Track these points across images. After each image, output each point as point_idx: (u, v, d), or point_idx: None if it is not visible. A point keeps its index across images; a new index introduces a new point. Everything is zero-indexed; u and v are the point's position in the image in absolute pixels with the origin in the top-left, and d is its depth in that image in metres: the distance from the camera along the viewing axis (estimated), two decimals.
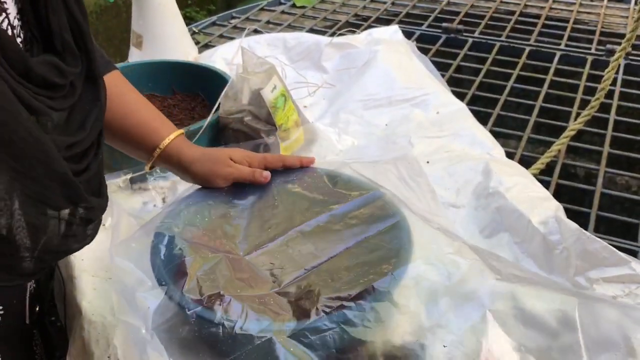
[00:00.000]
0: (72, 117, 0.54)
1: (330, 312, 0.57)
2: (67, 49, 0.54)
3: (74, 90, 0.55)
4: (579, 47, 1.59)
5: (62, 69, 0.52)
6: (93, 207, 0.57)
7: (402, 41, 1.39)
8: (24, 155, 0.47)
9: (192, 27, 1.61)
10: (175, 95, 1.15)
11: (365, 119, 1.14)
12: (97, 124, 0.58)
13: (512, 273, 0.66)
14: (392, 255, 0.64)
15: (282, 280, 0.61)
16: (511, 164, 0.97)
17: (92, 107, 0.57)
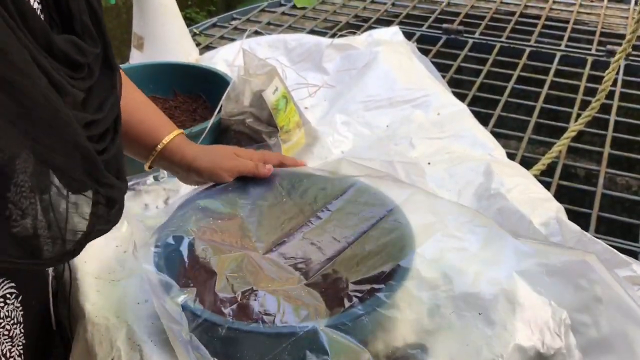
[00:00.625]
0: (90, 98, 0.55)
1: (363, 297, 0.57)
2: (86, 31, 0.54)
3: (92, 73, 0.55)
4: (579, 47, 1.59)
5: (83, 47, 0.53)
6: (114, 186, 0.57)
7: (402, 42, 1.39)
8: (43, 125, 0.47)
9: (193, 28, 1.62)
10: (176, 97, 1.15)
11: (366, 120, 1.14)
12: (114, 109, 0.58)
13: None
14: (411, 233, 0.65)
15: (309, 272, 0.62)
16: (512, 165, 0.97)
17: (109, 94, 0.58)
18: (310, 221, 0.68)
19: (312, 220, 0.68)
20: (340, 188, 0.72)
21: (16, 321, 0.64)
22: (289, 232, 0.67)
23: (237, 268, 0.62)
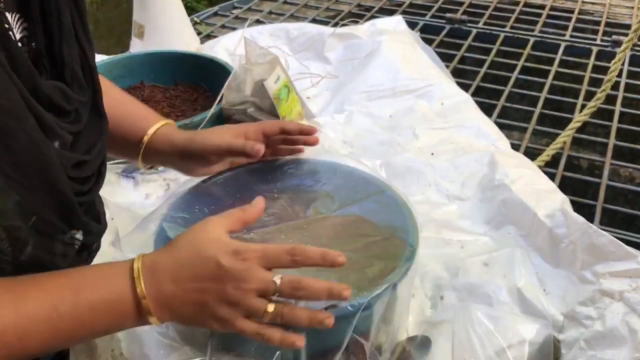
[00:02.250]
0: (79, 142, 0.55)
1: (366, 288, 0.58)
2: (76, 80, 0.55)
3: (80, 118, 0.55)
4: (584, 38, 1.58)
5: (69, 95, 0.53)
6: (91, 231, 0.58)
7: (405, 32, 1.38)
8: (26, 167, 0.47)
9: (194, 17, 1.60)
10: (177, 86, 1.14)
11: (369, 110, 1.13)
12: (101, 154, 0.59)
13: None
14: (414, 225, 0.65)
15: None
16: (517, 156, 0.96)
17: (97, 139, 0.58)
18: (290, 223, 0.66)
19: (292, 223, 0.66)
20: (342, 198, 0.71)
21: None
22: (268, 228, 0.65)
23: None
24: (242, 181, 0.75)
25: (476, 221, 0.84)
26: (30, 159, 0.47)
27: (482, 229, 0.83)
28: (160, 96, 1.11)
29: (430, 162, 0.94)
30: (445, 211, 0.84)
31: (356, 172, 0.75)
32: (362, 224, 0.67)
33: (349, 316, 0.56)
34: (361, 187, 0.72)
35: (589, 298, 0.68)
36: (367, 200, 0.69)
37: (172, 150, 0.72)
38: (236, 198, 0.72)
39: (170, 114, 1.06)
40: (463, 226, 0.81)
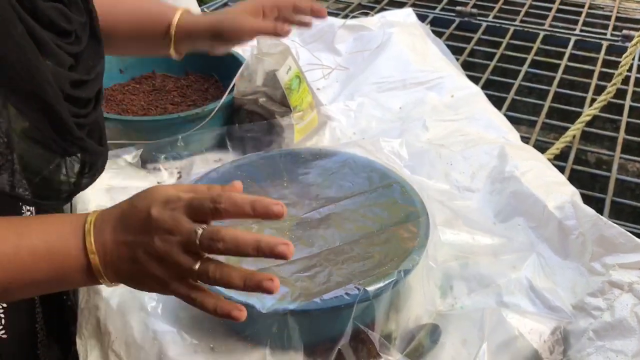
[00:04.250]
0: (79, 63, 0.55)
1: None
2: (73, 2, 0.55)
3: (80, 40, 0.56)
4: (594, 32, 1.57)
5: (69, 15, 0.54)
6: (95, 151, 0.58)
7: (416, 24, 1.38)
8: (16, 76, 0.47)
9: (204, 8, 1.60)
10: (188, 76, 1.14)
11: (379, 102, 1.13)
12: (100, 78, 0.59)
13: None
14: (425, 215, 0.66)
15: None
16: (527, 148, 0.96)
17: (97, 61, 0.59)
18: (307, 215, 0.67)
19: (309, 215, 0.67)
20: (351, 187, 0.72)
21: None
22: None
23: None
24: (252, 170, 0.75)
25: (486, 212, 0.84)
26: (22, 72, 0.47)
27: (491, 220, 0.83)
28: (171, 85, 1.11)
29: (441, 153, 0.94)
30: (456, 202, 0.84)
31: (369, 163, 0.76)
32: (374, 214, 0.68)
33: (351, 306, 0.56)
34: (375, 177, 0.72)
35: (598, 289, 0.68)
36: (380, 190, 0.70)
37: (203, 31, 0.78)
38: (246, 185, 0.72)
39: (181, 103, 1.07)
40: (473, 217, 0.81)
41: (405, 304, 0.64)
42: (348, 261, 0.60)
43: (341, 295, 0.56)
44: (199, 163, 0.97)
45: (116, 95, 1.07)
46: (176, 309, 0.62)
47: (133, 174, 0.91)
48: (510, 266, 0.74)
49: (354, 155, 0.79)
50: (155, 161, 0.95)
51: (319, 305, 0.55)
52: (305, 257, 0.61)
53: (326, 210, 0.67)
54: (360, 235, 0.64)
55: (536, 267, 0.74)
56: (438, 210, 0.76)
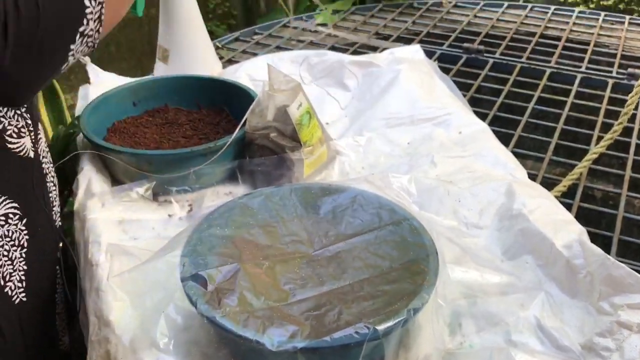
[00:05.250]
0: None
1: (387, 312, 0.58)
2: None
3: None
4: (599, 70, 1.59)
5: None
6: None
7: (423, 60, 1.40)
8: None
9: (216, 42, 1.64)
10: (200, 110, 1.17)
11: (387, 137, 1.15)
12: None
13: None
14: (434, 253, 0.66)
15: (299, 294, 0.62)
16: (534, 186, 0.97)
17: None
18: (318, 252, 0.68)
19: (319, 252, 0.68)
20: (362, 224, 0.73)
21: (17, 244, 0.68)
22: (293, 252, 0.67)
23: (231, 280, 0.63)
24: (262, 205, 0.77)
25: (494, 250, 0.85)
26: None
27: (500, 257, 0.84)
28: (184, 119, 1.13)
29: (449, 189, 0.95)
30: (464, 239, 0.85)
31: (378, 199, 0.77)
32: (384, 252, 0.68)
33: (361, 344, 0.57)
34: (384, 214, 0.73)
35: (607, 329, 0.68)
36: (389, 228, 0.71)
37: None
38: (256, 221, 0.74)
39: (193, 136, 1.09)
40: (481, 254, 0.82)
41: (414, 343, 0.64)
42: (358, 300, 0.61)
43: (351, 333, 0.57)
44: (210, 196, 0.98)
45: (129, 128, 1.09)
46: (188, 344, 0.63)
47: (145, 207, 0.92)
48: (518, 304, 0.74)
49: (363, 192, 0.80)
50: (167, 194, 0.96)
51: (329, 343, 0.56)
52: (315, 296, 0.61)
53: (336, 248, 0.68)
54: (370, 273, 0.64)
55: (544, 306, 0.74)
56: (447, 247, 0.77)
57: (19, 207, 0.70)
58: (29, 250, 0.72)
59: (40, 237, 0.74)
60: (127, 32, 2.41)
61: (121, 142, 1.05)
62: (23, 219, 0.70)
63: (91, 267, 0.78)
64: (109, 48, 2.36)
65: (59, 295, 0.81)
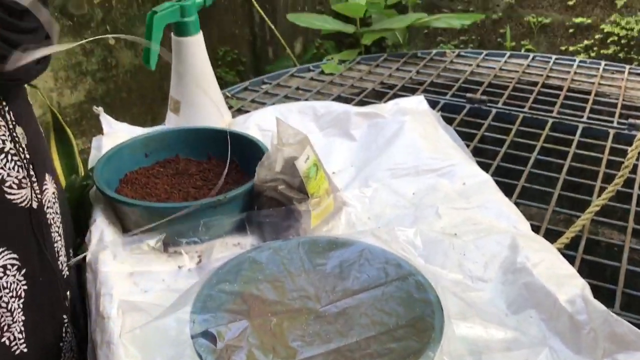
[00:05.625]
0: None
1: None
2: None
3: None
4: (601, 119, 1.62)
5: None
6: None
7: (427, 111, 1.43)
8: None
9: (226, 91, 1.68)
10: (210, 160, 1.19)
11: (393, 187, 1.17)
12: None
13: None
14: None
15: (306, 352, 0.63)
16: (537, 239, 0.99)
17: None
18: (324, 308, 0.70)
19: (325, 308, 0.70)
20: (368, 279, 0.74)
21: (15, 294, 0.69)
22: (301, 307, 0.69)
23: (239, 336, 0.64)
24: (270, 259, 0.78)
25: (499, 303, 0.86)
26: None
27: (504, 311, 0.85)
28: (194, 169, 1.16)
29: (454, 242, 0.97)
30: (469, 293, 0.86)
31: (385, 254, 0.78)
32: (390, 308, 0.70)
33: None
34: (390, 270, 0.75)
35: None
36: (395, 283, 0.72)
37: None
38: (264, 276, 0.75)
39: (202, 186, 1.11)
40: (486, 308, 0.83)
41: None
42: (365, 358, 0.62)
43: None
44: (219, 247, 1.00)
45: (141, 179, 1.12)
46: None
47: (155, 259, 0.94)
48: (523, 359, 0.75)
49: (369, 246, 0.82)
50: (177, 245, 0.98)
51: None
52: (323, 354, 0.63)
53: (343, 304, 0.70)
54: (377, 331, 0.66)
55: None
56: (452, 302, 0.78)
57: (17, 258, 0.71)
58: (26, 300, 0.73)
59: (41, 288, 0.76)
60: (138, 78, 2.47)
61: (133, 193, 1.07)
62: (22, 269, 0.72)
63: (102, 319, 0.79)
64: (121, 94, 2.42)
65: (66, 345, 0.81)
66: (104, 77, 2.35)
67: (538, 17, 2.74)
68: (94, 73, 2.31)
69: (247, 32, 3.02)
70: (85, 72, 2.29)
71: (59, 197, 0.89)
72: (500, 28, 2.86)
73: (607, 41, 2.64)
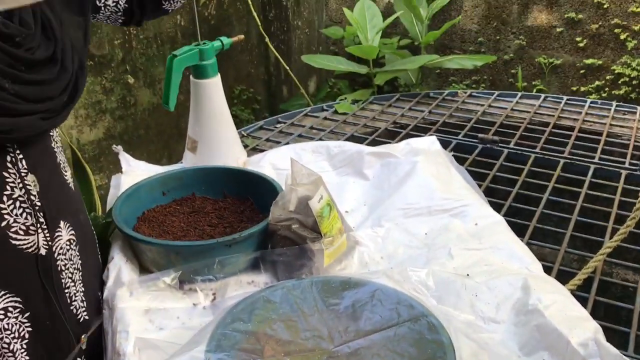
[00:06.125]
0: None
1: None
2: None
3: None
4: (612, 160, 1.63)
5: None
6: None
7: (440, 151, 1.45)
8: None
9: (241, 131, 1.72)
10: (226, 199, 1.22)
11: (405, 227, 1.18)
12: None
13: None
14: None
15: None
16: (550, 281, 0.99)
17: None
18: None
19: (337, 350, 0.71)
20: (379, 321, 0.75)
21: (17, 335, 0.69)
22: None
23: None
24: (283, 298, 0.80)
25: (511, 345, 0.86)
26: None
27: (517, 353, 0.85)
28: (210, 207, 1.18)
29: (466, 283, 0.97)
30: (481, 334, 0.86)
31: (397, 295, 0.79)
32: (402, 349, 0.70)
33: None
34: (402, 310, 0.76)
35: None
36: (407, 325, 0.73)
37: None
38: (278, 316, 0.76)
39: (218, 224, 1.13)
40: (498, 350, 0.83)
41: None
42: None
43: None
44: (233, 285, 1.01)
45: (158, 217, 1.14)
46: None
47: (170, 296, 0.96)
48: None
49: (382, 286, 0.83)
50: (192, 282, 1.00)
51: None
52: None
53: (355, 344, 0.70)
54: None
55: None
56: (464, 343, 0.78)
57: (20, 302, 0.72)
58: (31, 342, 0.74)
59: (49, 332, 0.76)
60: (155, 116, 2.52)
61: (150, 230, 1.09)
62: (25, 312, 0.73)
63: (118, 357, 0.80)
64: (139, 131, 2.47)
65: None
66: (122, 115, 2.40)
67: (549, 58, 2.78)
68: (112, 111, 2.37)
69: (263, 72, 3.08)
70: (105, 110, 2.35)
71: (84, 242, 0.89)
72: (511, 68, 2.90)
73: (619, 82, 2.67)
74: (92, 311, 0.89)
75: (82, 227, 0.88)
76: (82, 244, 0.89)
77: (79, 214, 0.88)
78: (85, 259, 0.90)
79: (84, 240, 0.90)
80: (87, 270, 0.90)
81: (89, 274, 0.90)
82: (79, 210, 0.88)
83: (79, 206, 0.89)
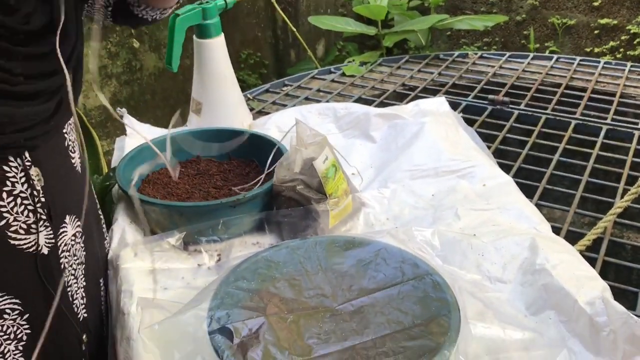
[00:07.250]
0: None
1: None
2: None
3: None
4: (625, 121, 1.60)
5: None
6: None
7: (448, 113, 1.43)
8: None
9: (247, 94, 1.70)
10: (231, 161, 1.21)
11: (412, 189, 1.17)
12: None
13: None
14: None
15: (321, 349, 0.64)
16: (558, 241, 0.98)
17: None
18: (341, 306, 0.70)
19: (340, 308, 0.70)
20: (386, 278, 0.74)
21: (12, 337, 0.68)
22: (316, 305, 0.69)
23: (255, 333, 0.65)
24: (287, 257, 0.79)
25: (517, 305, 0.85)
26: None
27: (523, 312, 0.84)
28: (214, 170, 1.17)
29: (472, 243, 0.96)
30: (487, 293, 0.85)
31: (402, 254, 0.78)
32: (406, 307, 0.70)
33: None
34: (407, 269, 0.75)
35: None
36: (412, 283, 0.72)
37: None
38: (282, 274, 0.76)
39: (223, 187, 1.12)
40: (504, 309, 0.82)
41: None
42: (380, 356, 0.62)
43: None
44: (238, 246, 1.01)
45: (162, 179, 1.14)
46: None
47: (175, 257, 0.96)
48: (541, 359, 0.75)
49: (386, 245, 0.82)
50: (196, 243, 0.99)
51: None
52: (338, 351, 0.63)
53: (359, 302, 0.70)
54: (392, 329, 0.66)
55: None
56: (469, 302, 0.78)
57: (20, 303, 0.69)
58: (27, 344, 0.71)
59: (48, 333, 0.73)
60: (161, 81, 2.50)
61: (154, 192, 1.09)
62: (24, 314, 0.70)
63: (122, 315, 0.80)
64: (145, 97, 2.46)
65: None
66: (128, 79, 2.39)
67: (562, 19, 2.71)
68: (118, 76, 2.35)
69: (270, 35, 3.04)
70: (111, 74, 2.33)
71: (89, 230, 0.84)
72: (524, 30, 2.83)
73: (634, 42, 2.60)
74: (91, 308, 0.86)
75: (87, 214, 0.81)
76: (88, 233, 0.84)
77: (85, 199, 0.78)
78: (90, 247, 0.85)
79: (89, 228, 0.86)
80: (91, 259, 0.86)
81: (92, 265, 0.86)
82: (85, 194, 0.78)
83: (85, 189, 0.78)
